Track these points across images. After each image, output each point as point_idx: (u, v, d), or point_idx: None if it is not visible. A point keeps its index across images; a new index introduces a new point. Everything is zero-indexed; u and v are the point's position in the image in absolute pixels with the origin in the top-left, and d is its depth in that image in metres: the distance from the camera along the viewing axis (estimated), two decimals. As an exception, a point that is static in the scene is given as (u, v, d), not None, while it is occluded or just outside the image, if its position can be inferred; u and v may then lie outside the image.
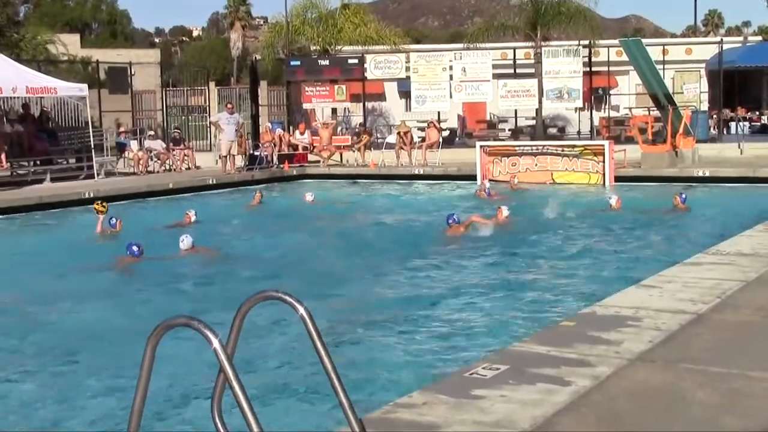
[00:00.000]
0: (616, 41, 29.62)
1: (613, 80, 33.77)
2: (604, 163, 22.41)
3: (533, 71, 30.10)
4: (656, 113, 26.01)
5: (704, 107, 31.98)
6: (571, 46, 29.80)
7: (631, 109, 29.64)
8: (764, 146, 26.70)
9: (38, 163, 24.60)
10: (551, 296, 10.14)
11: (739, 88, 33.80)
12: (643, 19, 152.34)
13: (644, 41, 28.02)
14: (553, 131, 34.52)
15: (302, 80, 31.24)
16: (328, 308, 9.36)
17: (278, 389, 6.95)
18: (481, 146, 24.21)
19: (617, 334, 5.72)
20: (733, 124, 33.33)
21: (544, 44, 30.46)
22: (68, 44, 45.33)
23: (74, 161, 25.95)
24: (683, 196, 16.95)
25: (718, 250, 9.36)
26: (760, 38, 47.28)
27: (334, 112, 35.53)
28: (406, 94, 34.54)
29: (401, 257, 13.07)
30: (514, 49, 31.38)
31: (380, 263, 12.69)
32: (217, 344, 3.26)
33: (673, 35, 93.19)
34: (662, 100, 24.56)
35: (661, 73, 25.80)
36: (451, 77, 29.74)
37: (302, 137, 28.58)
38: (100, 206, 15.70)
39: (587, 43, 30.09)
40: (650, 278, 7.79)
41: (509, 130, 33.55)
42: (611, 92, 34.97)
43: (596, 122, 32.10)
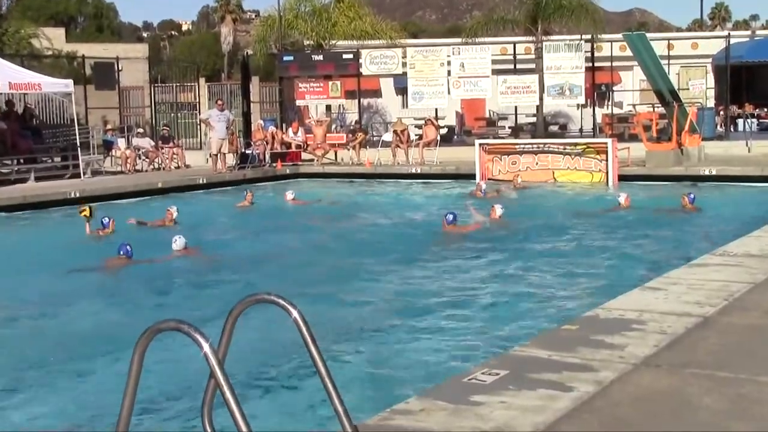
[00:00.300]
0: (619, 35, 29.70)
1: (616, 76, 33.83)
2: (607, 161, 22.42)
3: (534, 67, 30.11)
4: (661, 110, 26.04)
5: (711, 104, 32.04)
6: (573, 40, 29.81)
7: (635, 105, 29.68)
8: (773, 144, 26.75)
9: (22, 161, 24.58)
10: (553, 299, 10.14)
11: (746, 83, 33.83)
12: (647, 12, 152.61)
13: (649, 35, 28.08)
14: (554, 129, 34.52)
15: (295, 76, 31.22)
16: (321, 311, 9.34)
17: (270, 395, 6.95)
18: (480, 144, 24.21)
19: (621, 338, 5.73)
20: (740, 121, 33.37)
21: (545, 39, 30.48)
22: (53, 38, 45.18)
23: (59, 160, 25.91)
24: (691, 196, 16.92)
25: (725, 251, 9.36)
26: (768, 32, 47.38)
27: (328, 109, 35.54)
28: (402, 90, 34.54)
29: (396, 258, 13.08)
30: (514, 43, 31.40)
31: (375, 265, 12.69)
32: (207, 348, 3.25)
33: (678, 29, 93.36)
34: (667, 96, 24.59)
35: (666, 68, 25.85)
36: (449, 73, 29.73)
37: (295, 135, 28.58)
38: (84, 212, 15.56)
39: (590, 37, 30.09)
40: (655, 280, 7.79)
41: (509, 127, 33.54)
42: (614, 88, 35.04)
43: (599, 119, 32.13)
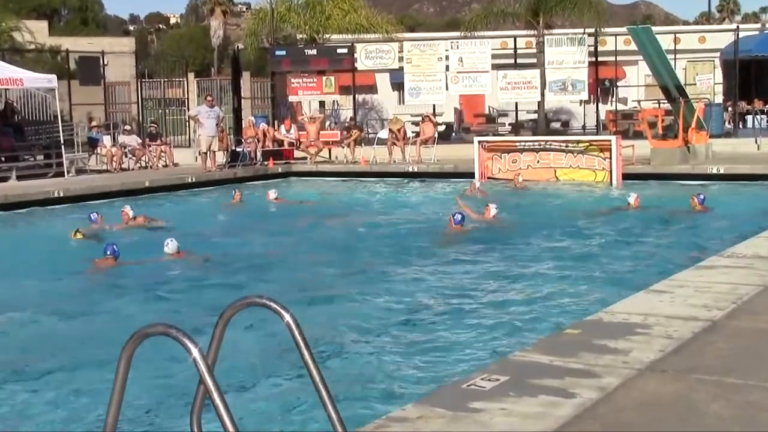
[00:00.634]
0: (624, 29, 29.65)
1: (620, 71, 33.87)
2: (610, 159, 22.42)
3: (535, 61, 30.16)
4: (667, 106, 26.05)
5: (718, 99, 32.05)
6: (575, 34, 29.87)
7: (639, 101, 29.67)
8: (782, 141, 26.79)
9: (3, 159, 24.56)
10: (555, 302, 10.14)
11: (755, 79, 33.92)
12: (653, 5, 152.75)
13: (654, 29, 28.06)
14: (556, 126, 34.58)
15: (288, 71, 31.23)
16: (315, 315, 9.35)
17: (262, 401, 6.95)
18: (479, 142, 24.21)
19: (625, 342, 5.73)
20: (749, 117, 33.41)
21: (546, 32, 30.54)
22: (35, 32, 45.19)
23: (42, 158, 25.91)
24: (701, 196, 16.84)
25: (733, 252, 9.36)
26: (778, 26, 47.40)
27: (321, 105, 35.54)
28: (399, 85, 34.57)
29: (392, 260, 13.09)
30: (514, 37, 31.41)
31: (370, 266, 12.70)
32: (196, 353, 3.26)
33: (685, 22, 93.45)
34: (673, 92, 24.60)
35: (672, 63, 25.85)
36: (447, 68, 29.76)
37: (288, 133, 28.58)
38: (77, 233, 15.57)
39: (593, 31, 30.16)
40: (661, 283, 7.79)
41: (509, 124, 33.59)
42: (619, 84, 35.07)
43: (602, 116, 32.15)
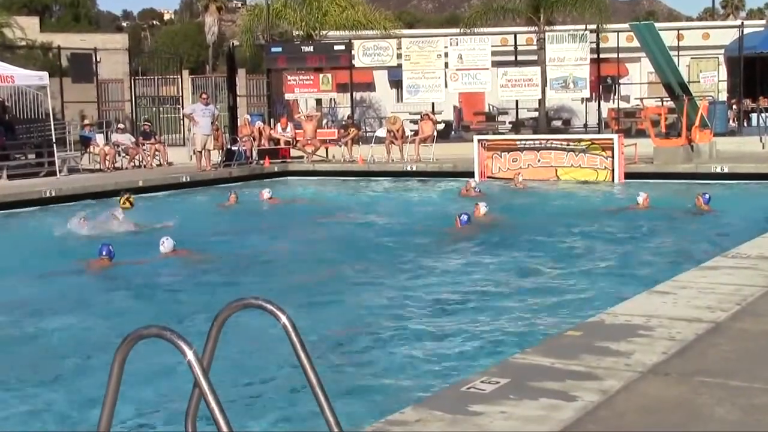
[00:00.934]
0: (626, 25, 29.66)
1: (623, 68, 33.84)
2: (612, 158, 22.44)
3: (536, 58, 30.16)
4: (670, 104, 26.07)
5: (723, 97, 32.08)
6: (577, 30, 29.85)
7: (642, 99, 29.68)
8: (788, 140, 26.81)
9: (-6, 158, 24.56)
10: (556, 303, 10.16)
11: (760, 76, 33.90)
12: (656, 1, 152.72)
13: (657, 25, 28.07)
14: (557, 124, 34.58)
15: (284, 68, 31.23)
16: (312, 316, 9.36)
17: (257, 404, 6.96)
18: (479, 140, 24.23)
19: (627, 344, 5.73)
20: (754, 115, 33.37)
21: (547, 29, 30.52)
22: (26, 28, 45.08)
23: (34, 157, 25.90)
24: (706, 196, 16.83)
25: (737, 252, 9.36)
26: (783, 22, 47.43)
27: (318, 103, 35.52)
28: (397, 83, 34.55)
29: (390, 260, 13.11)
30: (515, 34, 31.42)
31: (367, 267, 12.72)
32: (191, 356, 3.26)
33: (688, 19, 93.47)
34: (677, 89, 24.61)
35: (675, 60, 25.86)
36: (446, 65, 29.75)
37: (284, 131, 28.57)
38: (126, 201, 15.37)
39: (595, 27, 30.14)
40: (664, 284, 7.79)
41: (510, 122, 33.59)
42: (621, 81, 35.04)
43: (604, 114, 32.16)
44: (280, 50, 31.50)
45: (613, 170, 22.42)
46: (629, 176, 22.33)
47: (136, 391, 6.72)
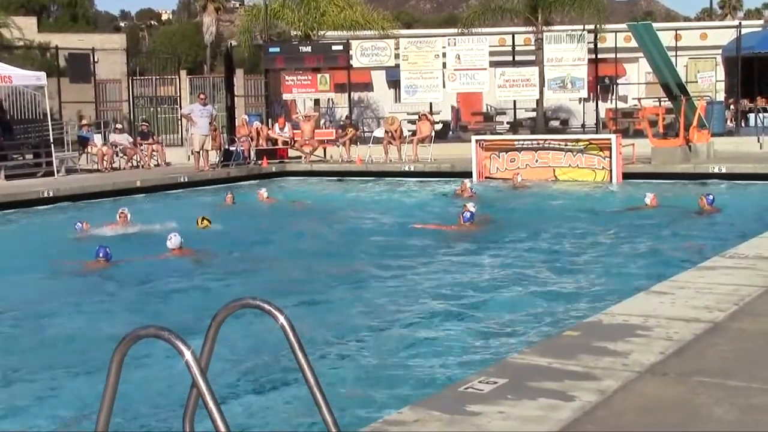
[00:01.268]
0: (624, 25, 29.66)
1: (620, 68, 33.84)
2: (610, 158, 22.44)
3: (534, 59, 30.16)
4: (668, 104, 26.08)
5: (720, 97, 32.08)
6: (575, 31, 29.86)
7: (640, 99, 29.69)
8: (785, 140, 26.81)
9: (-8, 159, 24.54)
10: (553, 303, 10.15)
11: (758, 76, 33.88)
12: (654, 1, 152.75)
13: (655, 25, 28.10)
14: (555, 124, 34.59)
15: (282, 68, 31.24)
16: (310, 317, 9.36)
17: (256, 404, 6.95)
18: (476, 140, 24.23)
19: (625, 344, 5.73)
20: (751, 115, 33.37)
21: (545, 29, 30.53)
22: (24, 28, 45.12)
23: (31, 157, 25.88)
24: (710, 197, 16.74)
25: (735, 253, 9.36)
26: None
27: (316, 103, 35.52)
28: (395, 83, 34.56)
29: (387, 260, 13.09)
30: (512, 34, 31.41)
31: (365, 267, 12.70)
32: (189, 356, 3.26)
33: (686, 19, 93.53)
34: (674, 89, 24.62)
35: (673, 60, 25.87)
36: (444, 65, 29.77)
37: (282, 131, 28.56)
38: (204, 220, 16.04)
39: (593, 27, 30.16)
40: (661, 284, 7.79)
41: (507, 122, 33.59)
42: (619, 81, 35.05)
43: (602, 114, 32.18)
44: (278, 50, 31.50)
45: (611, 170, 22.41)
46: (627, 176, 22.33)
47: (134, 391, 6.71)
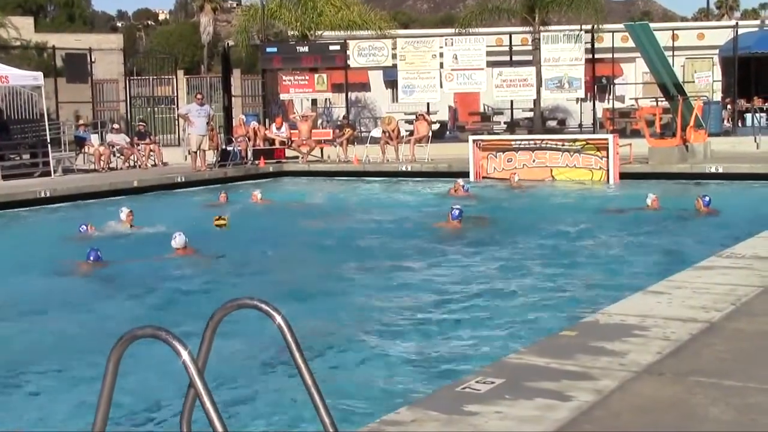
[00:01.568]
0: (621, 25, 29.70)
1: (617, 68, 33.89)
2: (607, 158, 22.44)
3: (531, 59, 30.17)
4: (665, 104, 26.10)
5: (717, 97, 32.08)
6: (572, 31, 29.85)
7: (637, 99, 29.72)
8: (782, 140, 26.82)
9: (-12, 159, 24.51)
10: (550, 303, 10.15)
11: (755, 76, 33.99)
12: (651, 1, 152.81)
13: (652, 25, 28.10)
14: (552, 124, 34.56)
15: (279, 68, 31.22)
16: (306, 316, 9.35)
17: (253, 405, 6.95)
18: (474, 140, 24.23)
19: (622, 344, 5.74)
20: (748, 115, 33.44)
21: (542, 29, 30.54)
22: (21, 28, 45.09)
23: (28, 157, 25.85)
24: (706, 199, 16.65)
25: (732, 252, 9.37)
26: (778, 22, 47.47)
27: (314, 103, 35.50)
28: (392, 83, 34.57)
29: (384, 260, 13.10)
30: (510, 34, 31.43)
31: (362, 267, 12.70)
32: (186, 357, 3.26)
33: (683, 19, 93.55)
34: (671, 89, 24.63)
35: (670, 60, 25.88)
36: (441, 65, 29.77)
37: (279, 131, 28.55)
38: (221, 219, 16.07)
39: (590, 27, 30.16)
40: (658, 284, 7.80)
41: (505, 122, 33.58)
42: (616, 81, 35.09)
43: (599, 114, 32.18)
44: (275, 50, 31.47)
45: (608, 170, 22.41)
46: (624, 176, 22.32)
47: (131, 391, 6.71)
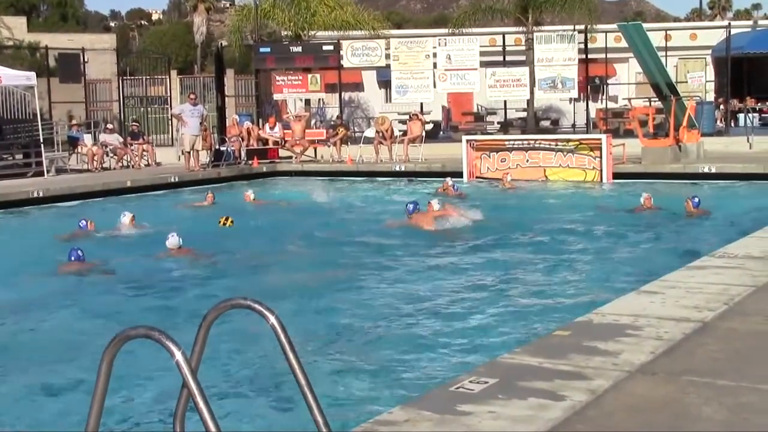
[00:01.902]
0: (614, 26, 29.69)
1: (611, 68, 33.90)
2: (601, 158, 22.47)
3: (524, 59, 30.18)
4: (658, 104, 26.13)
5: (710, 98, 32.16)
6: (565, 31, 29.89)
7: (630, 99, 29.76)
8: (775, 140, 26.86)
9: (-19, 159, 24.47)
10: (544, 303, 10.16)
11: (748, 76, 33.98)
12: (644, 1, 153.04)
13: (645, 26, 28.14)
14: (545, 124, 34.64)
15: (272, 68, 31.21)
16: (300, 317, 9.35)
17: (246, 404, 6.94)
18: (467, 140, 24.25)
19: (615, 344, 5.74)
20: (741, 115, 33.49)
21: (535, 29, 30.55)
22: (13, 28, 45.11)
23: (21, 157, 25.81)
24: (696, 200, 16.60)
25: (725, 252, 9.38)
26: (770, 23, 47.51)
27: (307, 103, 35.51)
28: (385, 83, 34.60)
29: (379, 260, 13.10)
30: (503, 34, 31.44)
31: (354, 267, 12.67)
32: (179, 356, 3.26)
33: (676, 19, 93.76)
34: (664, 89, 24.66)
35: (663, 60, 25.92)
36: (434, 65, 29.77)
37: (273, 131, 28.54)
38: (227, 220, 16.19)
39: (583, 27, 30.19)
40: (651, 283, 7.80)
41: (498, 122, 33.62)
42: (609, 82, 35.12)
43: (593, 114, 32.21)
44: (268, 50, 31.46)
45: (601, 170, 22.44)
46: (617, 176, 22.37)
47: (124, 391, 6.70)
